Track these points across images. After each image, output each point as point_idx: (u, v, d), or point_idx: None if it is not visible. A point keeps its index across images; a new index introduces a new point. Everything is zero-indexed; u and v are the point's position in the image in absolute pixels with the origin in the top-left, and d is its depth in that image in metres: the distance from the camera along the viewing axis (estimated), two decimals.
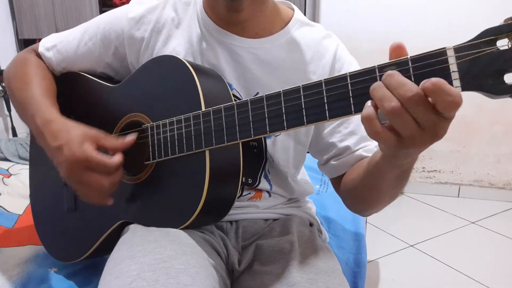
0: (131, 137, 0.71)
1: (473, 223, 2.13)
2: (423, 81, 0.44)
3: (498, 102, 0.49)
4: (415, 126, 0.45)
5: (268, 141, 0.80)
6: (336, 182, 0.84)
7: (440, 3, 2.22)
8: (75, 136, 0.68)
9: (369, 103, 0.48)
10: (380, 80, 0.48)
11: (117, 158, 0.68)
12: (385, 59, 0.51)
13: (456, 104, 0.43)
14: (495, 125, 2.33)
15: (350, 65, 0.82)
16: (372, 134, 0.48)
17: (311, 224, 0.90)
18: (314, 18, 2.42)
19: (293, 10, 0.84)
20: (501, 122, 2.32)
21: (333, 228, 1.14)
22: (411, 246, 1.91)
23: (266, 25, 0.80)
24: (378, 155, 0.60)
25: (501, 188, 2.42)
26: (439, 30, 2.24)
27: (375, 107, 0.47)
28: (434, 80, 0.43)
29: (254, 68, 0.78)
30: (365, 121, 0.47)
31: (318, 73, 0.80)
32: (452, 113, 0.45)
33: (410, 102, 0.44)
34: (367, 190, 0.70)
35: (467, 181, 2.46)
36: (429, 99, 0.44)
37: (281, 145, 0.81)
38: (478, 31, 0.47)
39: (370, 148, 0.79)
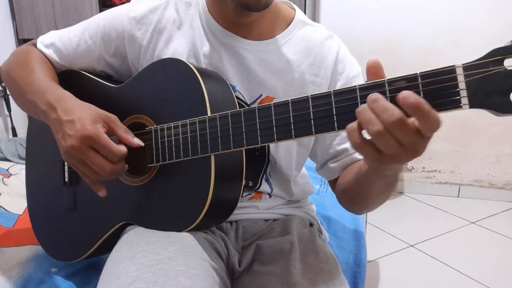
0: (139, 141, 0.71)
1: (473, 223, 2.13)
2: (405, 97, 0.46)
3: None
4: (397, 146, 0.48)
5: (271, 144, 0.80)
6: (333, 183, 0.85)
7: (440, 3, 2.22)
8: (89, 114, 0.68)
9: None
10: (365, 102, 0.50)
11: (124, 148, 0.68)
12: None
13: (436, 125, 0.46)
14: (495, 125, 2.33)
15: (352, 67, 0.82)
16: (356, 146, 0.51)
17: (311, 224, 0.90)
18: (314, 18, 2.42)
19: (294, 9, 0.84)
20: (501, 122, 2.32)
21: (333, 228, 1.14)
22: (411, 246, 1.91)
23: (270, 26, 0.80)
24: (366, 166, 0.63)
25: (501, 188, 2.42)
26: (439, 30, 2.24)
27: (360, 124, 0.50)
28: (416, 101, 0.45)
29: (258, 70, 0.78)
30: (349, 134, 0.51)
31: (321, 75, 0.80)
32: (432, 133, 0.48)
33: (393, 126, 0.47)
34: (357, 194, 0.73)
35: (467, 181, 2.46)
36: (410, 120, 0.47)
37: (284, 148, 0.81)
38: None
39: None
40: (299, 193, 0.89)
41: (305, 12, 2.33)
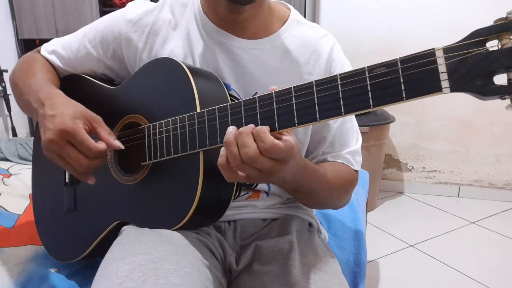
0: (119, 144, 0.71)
1: (473, 223, 2.13)
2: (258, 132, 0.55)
3: (497, 102, 0.49)
4: (255, 173, 0.56)
5: None
6: None
7: (440, 3, 2.23)
8: (71, 110, 0.69)
9: (223, 152, 0.58)
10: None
11: (102, 146, 0.68)
12: (385, 58, 0.52)
13: (267, 151, 0.54)
14: (495, 125, 2.33)
15: (343, 67, 0.83)
16: (228, 178, 0.59)
17: (310, 224, 0.90)
18: (314, 18, 2.42)
19: (289, 9, 0.84)
20: (501, 122, 2.32)
21: (333, 228, 1.14)
22: (411, 246, 1.91)
23: (264, 25, 0.80)
24: None
25: (501, 188, 2.42)
26: (439, 30, 2.24)
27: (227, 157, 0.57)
28: (261, 132, 0.55)
29: (253, 69, 0.78)
30: (221, 168, 0.59)
31: (315, 73, 0.81)
32: (272, 155, 0.55)
33: (248, 160, 0.55)
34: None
35: (467, 181, 2.46)
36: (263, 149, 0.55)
37: None
38: None
39: (334, 154, 0.83)
40: None
41: (305, 12, 2.33)
